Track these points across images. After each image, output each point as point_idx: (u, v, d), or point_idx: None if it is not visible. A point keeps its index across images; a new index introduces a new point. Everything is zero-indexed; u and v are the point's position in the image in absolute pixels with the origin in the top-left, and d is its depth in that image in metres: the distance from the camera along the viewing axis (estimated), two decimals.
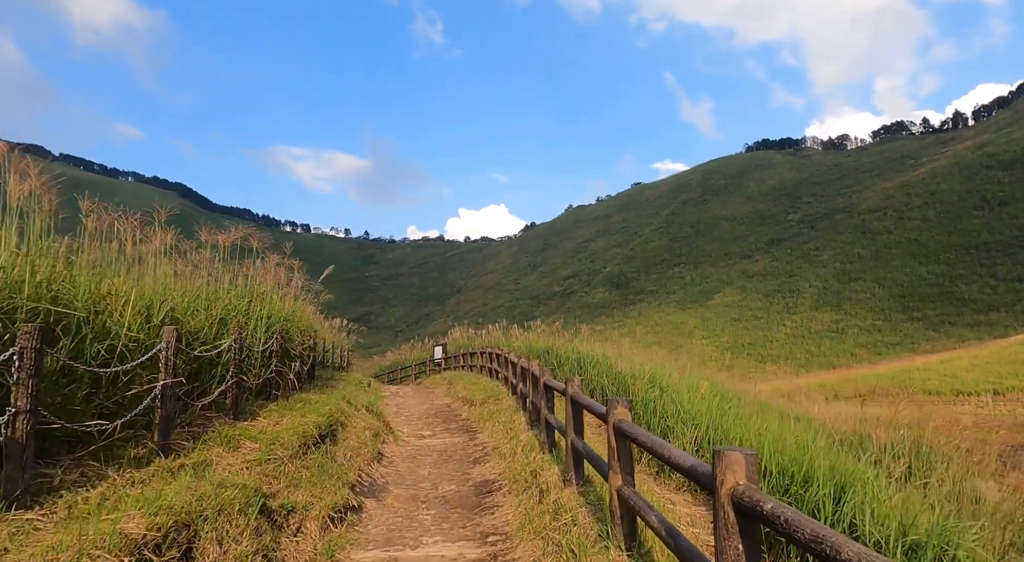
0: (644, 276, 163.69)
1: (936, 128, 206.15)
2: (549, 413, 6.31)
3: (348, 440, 7.10)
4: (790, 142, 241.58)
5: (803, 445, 5.06)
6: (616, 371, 9.18)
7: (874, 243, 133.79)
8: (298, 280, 11.24)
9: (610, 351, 11.05)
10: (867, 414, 11.82)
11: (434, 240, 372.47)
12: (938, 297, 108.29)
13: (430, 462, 7.94)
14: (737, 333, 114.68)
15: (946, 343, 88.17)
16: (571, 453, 4.90)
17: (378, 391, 15.40)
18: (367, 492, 6.18)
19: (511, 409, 9.93)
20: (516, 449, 7.17)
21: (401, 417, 11.68)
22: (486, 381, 14.48)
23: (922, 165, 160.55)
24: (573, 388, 4.94)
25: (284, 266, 9.21)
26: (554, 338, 14.77)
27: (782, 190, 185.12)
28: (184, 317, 5.29)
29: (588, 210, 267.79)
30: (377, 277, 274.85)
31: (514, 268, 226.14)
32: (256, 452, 4.98)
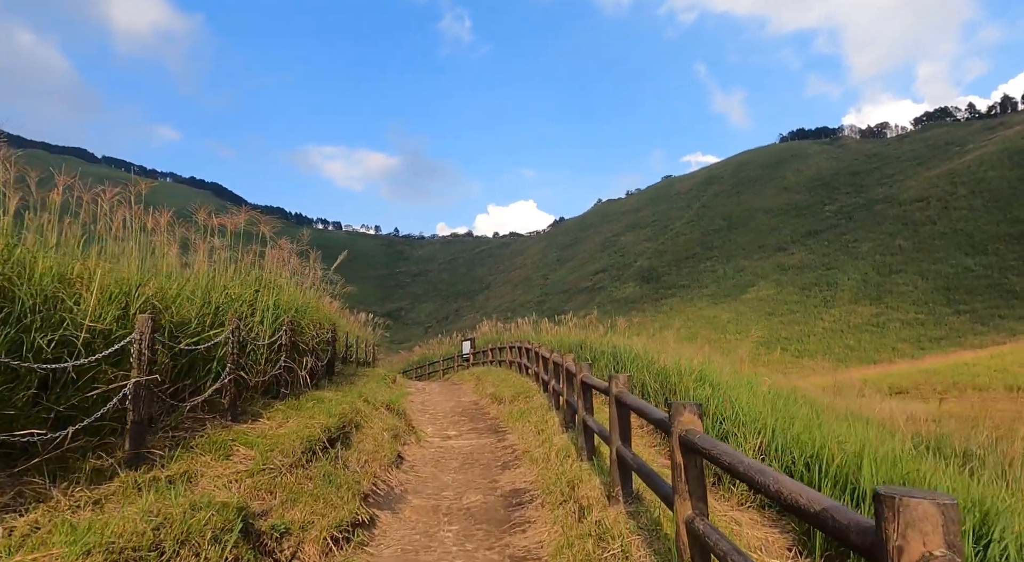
0: (675, 270, 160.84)
1: (983, 113, 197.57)
2: (588, 415, 5.51)
3: (363, 443, 6.42)
4: (826, 131, 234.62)
5: (895, 458, 4.15)
6: (659, 366, 8.31)
7: (916, 234, 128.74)
8: (315, 270, 10.65)
9: (650, 346, 10.17)
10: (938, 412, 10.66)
11: (463, 236, 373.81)
12: (986, 289, 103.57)
13: (454, 467, 7.22)
14: (772, 327, 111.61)
15: (995, 337, 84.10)
16: (617, 464, 4.10)
17: (403, 387, 14.79)
18: (382, 503, 5.47)
19: (542, 408, 9.16)
20: (549, 454, 6.39)
21: (425, 415, 11.00)
22: (515, 377, 13.72)
23: (968, 152, 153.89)
24: (618, 387, 4.14)
25: (295, 253, 8.58)
26: (587, 332, 13.93)
27: (818, 181, 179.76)
28: (172, 306, 4.65)
29: (617, 204, 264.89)
30: (407, 273, 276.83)
31: (543, 263, 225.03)
32: (250, 461, 4.31)
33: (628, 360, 9.93)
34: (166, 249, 5.58)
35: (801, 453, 4.74)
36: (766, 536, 4.21)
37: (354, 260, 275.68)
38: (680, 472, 2.66)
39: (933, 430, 8.29)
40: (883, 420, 8.20)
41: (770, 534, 4.27)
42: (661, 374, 7.98)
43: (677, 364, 7.69)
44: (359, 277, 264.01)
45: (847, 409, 8.39)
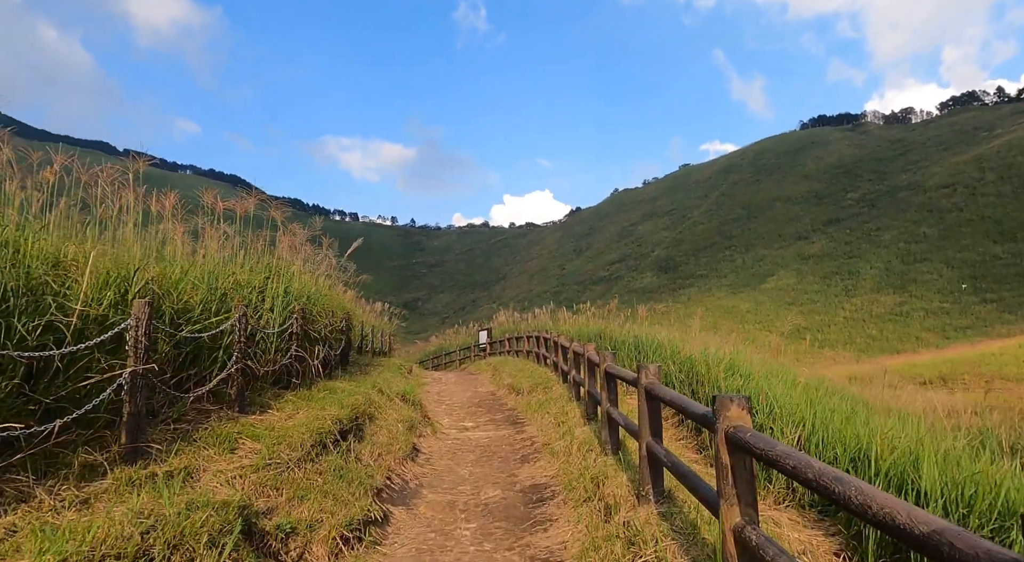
0: (693, 260, 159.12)
1: (1012, 97, 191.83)
2: (613, 407, 5.20)
3: (377, 435, 6.18)
4: (848, 117, 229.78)
5: (956, 458, 3.78)
6: (684, 356, 7.95)
7: (942, 222, 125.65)
8: (329, 258, 10.43)
9: (673, 335, 9.80)
10: (982, 404, 10.17)
11: (479, 227, 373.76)
12: (1015, 278, 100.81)
13: (471, 460, 6.97)
14: (792, 317, 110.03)
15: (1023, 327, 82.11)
16: (647, 461, 3.79)
17: (419, 378, 14.60)
18: (396, 498, 5.23)
19: (562, 398, 8.86)
20: (571, 447, 6.10)
21: (442, 406, 10.78)
22: (533, 367, 13.44)
23: (997, 137, 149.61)
24: (648, 378, 3.82)
25: (307, 241, 8.34)
26: (607, 321, 13.58)
27: (840, 168, 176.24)
28: (174, 291, 4.42)
29: (634, 193, 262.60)
30: (423, 264, 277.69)
31: (559, 253, 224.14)
32: (256, 455, 4.07)
33: (651, 350, 9.58)
34: (171, 233, 5.36)
35: (844, 450, 4.39)
36: (810, 539, 3.88)
37: (371, 251, 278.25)
38: (727, 474, 2.34)
39: (975, 423, 7.84)
40: (920, 413, 7.78)
41: (814, 537, 3.93)
42: (687, 364, 7.62)
43: (704, 354, 7.33)
44: (376, 268, 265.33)
45: (882, 402, 7.97)
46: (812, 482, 1.71)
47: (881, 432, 4.10)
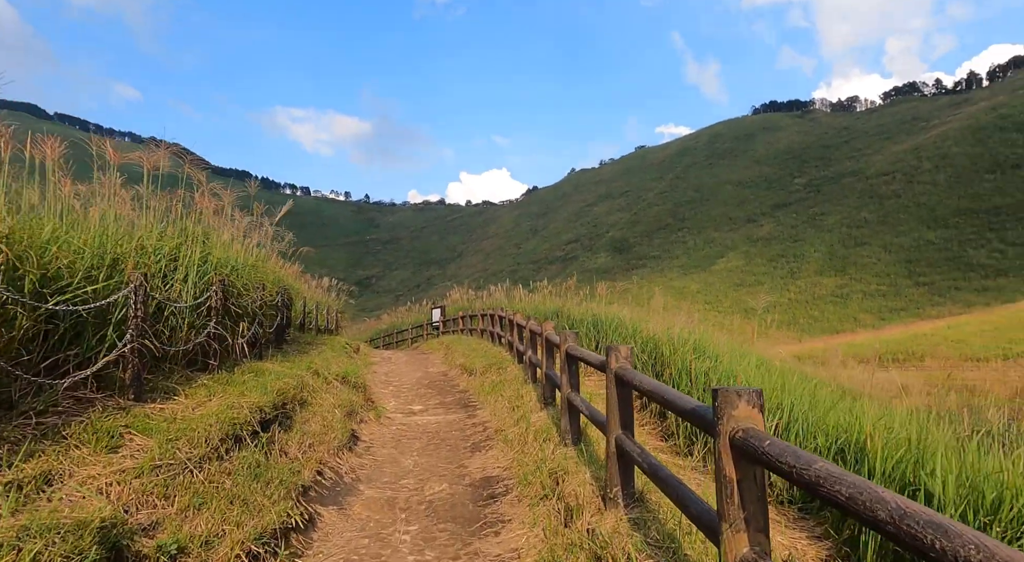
0: (647, 241, 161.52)
1: (949, 89, 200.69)
2: (574, 393, 4.65)
3: (309, 423, 5.47)
4: (798, 104, 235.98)
5: (961, 451, 3.38)
6: (646, 336, 7.50)
7: (882, 208, 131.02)
8: (266, 227, 9.49)
9: (635, 314, 9.35)
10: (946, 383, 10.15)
11: (435, 204, 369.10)
12: (945, 262, 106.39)
13: (417, 448, 6.35)
14: (739, 298, 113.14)
15: (952, 308, 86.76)
16: (616, 458, 3.25)
17: (367, 357, 13.83)
18: (327, 497, 4.56)
19: (517, 380, 8.32)
20: (526, 435, 5.54)
21: (389, 388, 10.09)
22: (487, 346, 12.87)
23: (933, 128, 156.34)
24: (619, 361, 3.26)
25: (235, 206, 7.43)
26: (564, 299, 13.09)
27: (789, 153, 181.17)
28: (41, 254, 3.56)
29: (590, 174, 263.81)
30: (378, 241, 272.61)
31: (515, 232, 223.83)
32: (145, 453, 3.33)
33: (611, 329, 9.12)
34: (56, 187, 4.44)
35: (828, 440, 3.97)
36: (794, 543, 3.43)
37: (324, 227, 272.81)
38: (732, 491, 1.80)
39: (933, 405, 7.71)
40: (885, 396, 7.59)
41: (798, 540, 3.49)
42: (649, 344, 7.17)
43: (669, 334, 6.88)
44: (329, 244, 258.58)
45: (847, 383, 7.74)
46: (886, 525, 1.17)
47: (873, 421, 3.68)
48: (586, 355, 4.01)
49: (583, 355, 4.10)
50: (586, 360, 3.96)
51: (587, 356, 3.96)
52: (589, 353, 3.98)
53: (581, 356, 4.18)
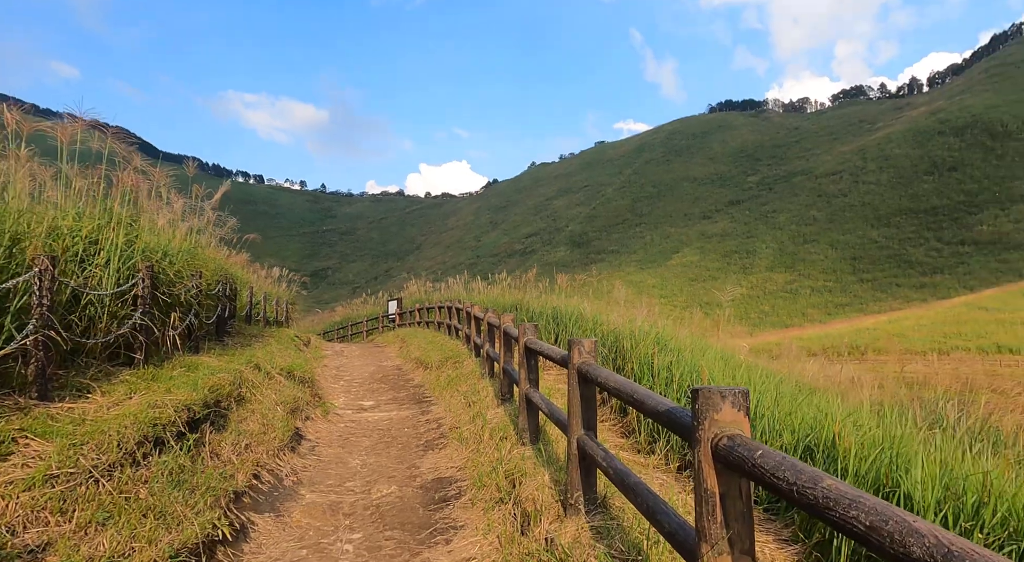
0: (605, 235, 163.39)
1: (893, 93, 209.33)
2: (532, 389, 4.38)
3: (246, 422, 5.04)
4: (752, 104, 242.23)
5: (938, 450, 3.27)
6: (607, 329, 7.31)
7: (829, 206, 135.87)
8: (208, 212, 8.88)
9: (596, 307, 9.17)
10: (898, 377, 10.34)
11: (394, 195, 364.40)
12: (887, 259, 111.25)
13: (366, 446, 5.99)
14: (694, 293, 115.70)
15: (893, 304, 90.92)
16: (578, 461, 2.99)
17: (318, 350, 13.29)
18: (263, 503, 4.17)
19: (474, 374, 8.02)
20: (482, 433, 5.26)
21: (339, 383, 9.65)
22: (444, 339, 12.52)
23: (878, 130, 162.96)
24: (582, 356, 3.01)
25: (171, 187, 6.85)
26: (523, 292, 12.84)
27: (743, 152, 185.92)
28: None
29: (550, 168, 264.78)
30: (334, 232, 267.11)
31: (475, 225, 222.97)
32: (41, 461, 2.90)
33: (571, 322, 8.92)
34: None
35: (795, 437, 3.82)
36: (761, 548, 3.25)
37: (278, 216, 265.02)
38: (714, 506, 1.56)
39: (886, 398, 7.80)
40: (839, 389, 7.63)
41: (766, 544, 3.31)
42: (611, 337, 6.98)
43: (630, 327, 6.70)
44: (283, 234, 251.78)
45: (807, 379, 7.74)
46: (882, 543, 0.93)
47: (840, 417, 3.54)
48: (546, 349, 3.74)
49: (543, 349, 3.84)
50: (546, 355, 3.69)
51: (547, 350, 3.70)
52: (549, 347, 3.72)
53: (540, 350, 3.91)
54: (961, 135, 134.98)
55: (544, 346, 3.88)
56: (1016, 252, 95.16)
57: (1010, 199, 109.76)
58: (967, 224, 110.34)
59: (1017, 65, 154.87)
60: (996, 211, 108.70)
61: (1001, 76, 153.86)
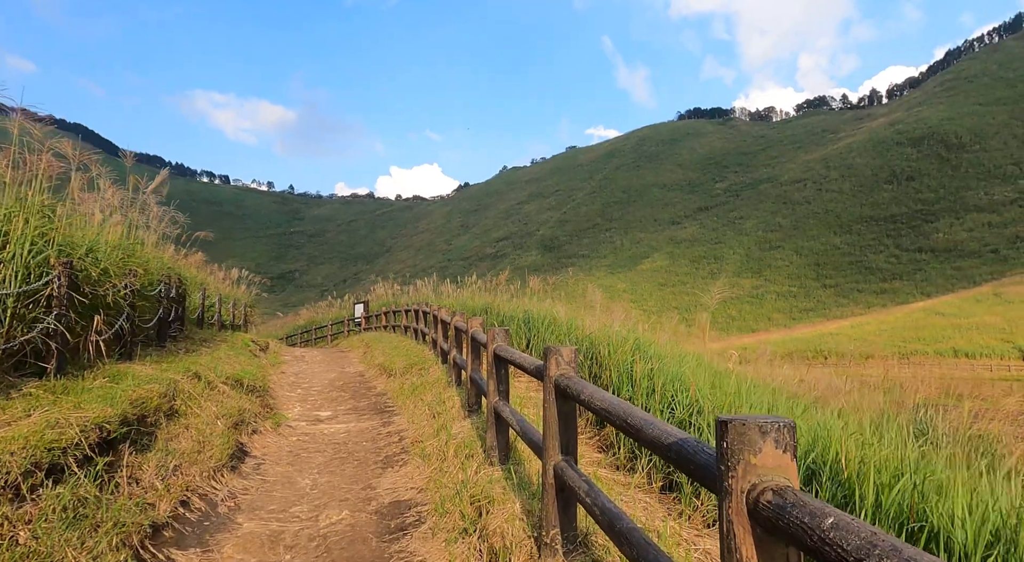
0: (576, 240, 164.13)
1: (854, 105, 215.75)
2: (502, 402, 3.91)
3: (178, 440, 4.44)
4: (720, 112, 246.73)
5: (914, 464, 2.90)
6: (582, 334, 6.88)
7: (794, 213, 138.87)
8: (152, 207, 8.18)
9: (570, 311, 8.74)
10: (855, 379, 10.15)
11: (363, 197, 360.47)
12: (849, 266, 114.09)
13: (319, 463, 5.42)
14: (664, 297, 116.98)
15: (854, 309, 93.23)
16: (555, 492, 2.53)
17: (276, 356, 12.58)
18: (188, 537, 3.59)
19: (440, 382, 7.50)
20: (446, 450, 4.76)
21: (296, 391, 9.02)
22: (410, 344, 11.95)
23: (840, 139, 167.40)
24: (561, 367, 2.55)
25: (104, 178, 6.18)
26: (494, 295, 12.36)
27: (711, 159, 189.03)
28: None
29: (522, 172, 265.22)
30: (303, 234, 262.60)
31: (446, 229, 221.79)
32: None
33: (543, 327, 8.46)
34: None
35: (801, 456, 3.42)
36: None
37: (244, 217, 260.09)
38: None
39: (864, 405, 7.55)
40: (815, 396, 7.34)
41: None
42: (586, 343, 6.55)
43: (607, 332, 6.28)
44: (250, 235, 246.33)
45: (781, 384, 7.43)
46: None
47: (841, 435, 3.15)
48: (518, 358, 3.27)
49: (514, 358, 3.36)
50: (518, 364, 3.22)
51: (519, 359, 3.23)
52: (522, 356, 3.24)
53: (512, 359, 3.44)
54: (918, 146, 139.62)
55: (516, 354, 3.41)
56: (969, 260, 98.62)
57: (964, 209, 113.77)
58: (924, 232, 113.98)
59: (970, 80, 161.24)
60: (951, 220, 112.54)
61: (955, 90, 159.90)
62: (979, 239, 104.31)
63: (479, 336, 5.00)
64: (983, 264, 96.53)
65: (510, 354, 3.47)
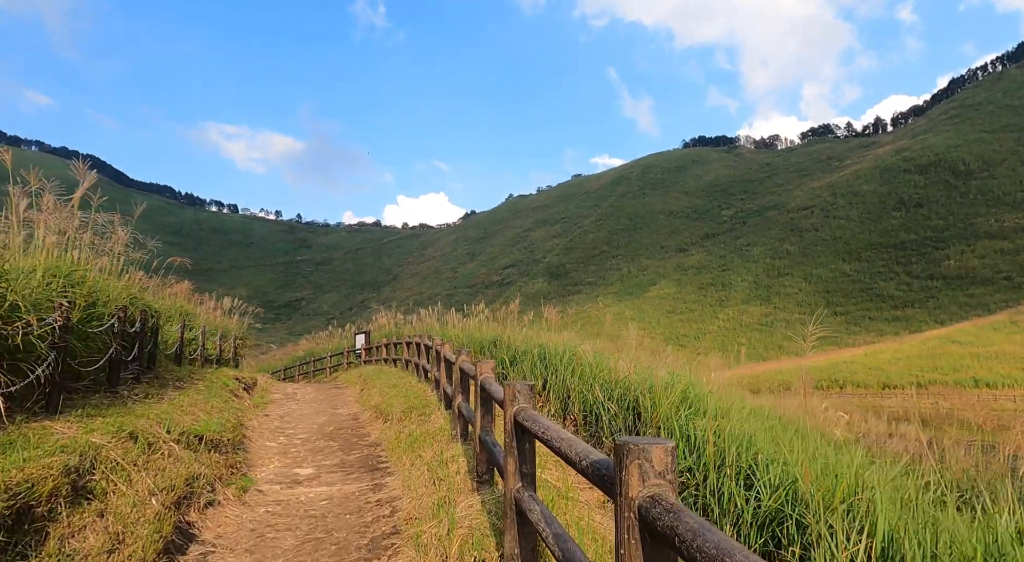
0: (583, 267, 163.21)
1: (859, 132, 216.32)
2: (526, 490, 2.73)
3: (83, 535, 3.27)
4: (725, 140, 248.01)
5: None
6: (613, 377, 5.71)
7: (802, 240, 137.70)
8: (116, 231, 7.16)
9: (596, 347, 7.54)
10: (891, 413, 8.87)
11: (370, 225, 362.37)
12: (859, 293, 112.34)
13: (288, 548, 4.22)
14: (672, 325, 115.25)
15: (866, 337, 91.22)
16: None
17: (265, 394, 11.40)
18: None
19: (443, 434, 6.31)
20: (448, 545, 3.55)
21: (279, 439, 7.82)
22: (411, 381, 10.77)
23: (846, 167, 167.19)
24: (649, 481, 1.41)
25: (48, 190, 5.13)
26: (503, 326, 11.20)
27: (717, 186, 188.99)
28: None
29: (528, 200, 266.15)
30: (310, 262, 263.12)
31: (452, 256, 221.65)
32: None
33: (562, 364, 7.27)
34: None
35: None
36: None
37: (252, 245, 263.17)
38: None
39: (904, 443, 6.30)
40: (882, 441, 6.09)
41: None
42: (619, 389, 5.36)
43: (647, 376, 5.10)
44: (257, 264, 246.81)
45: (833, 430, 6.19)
46: None
47: None
48: (560, 443, 2.07)
49: (551, 439, 2.17)
50: (562, 454, 2.02)
51: (562, 447, 2.03)
52: (567, 438, 2.05)
53: (547, 439, 2.25)
54: (925, 173, 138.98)
55: (554, 432, 2.24)
56: (982, 287, 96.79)
57: (974, 235, 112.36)
58: (935, 259, 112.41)
59: (975, 108, 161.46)
60: (962, 247, 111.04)
61: (960, 118, 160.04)
62: (991, 266, 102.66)
63: (492, 388, 3.84)
64: (997, 291, 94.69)
65: (543, 429, 2.31)
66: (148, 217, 7.06)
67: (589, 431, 5.80)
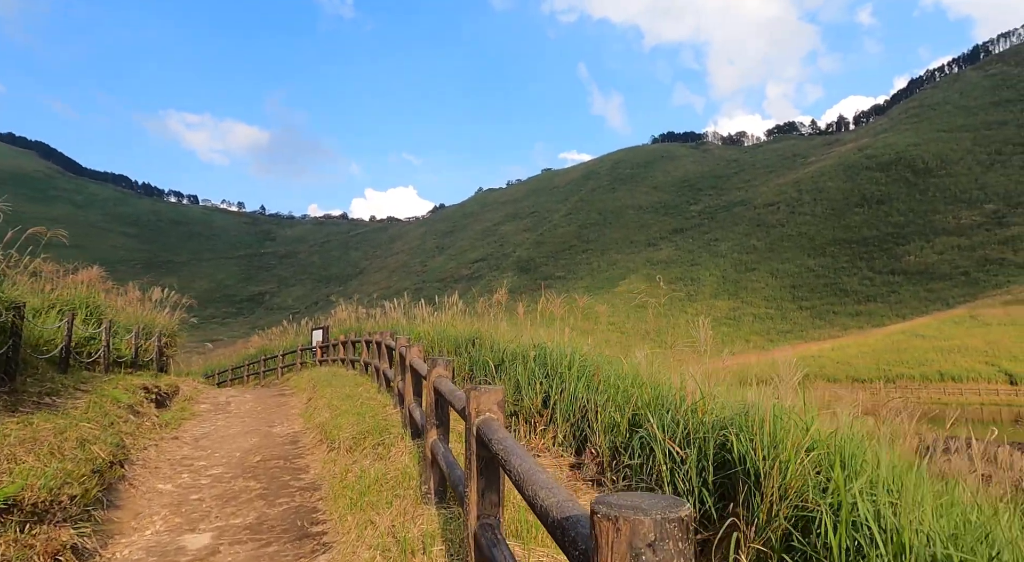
0: (552, 261, 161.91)
1: (823, 130, 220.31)
2: None
3: None
4: (693, 136, 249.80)
5: None
6: (652, 393, 3.80)
7: (768, 235, 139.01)
8: None
9: (603, 350, 5.63)
10: None
11: (337, 218, 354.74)
12: (824, 288, 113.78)
13: None
14: (642, 319, 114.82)
15: (831, 331, 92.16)
16: None
17: (187, 405, 9.17)
18: None
19: (409, 480, 4.30)
20: None
21: (181, 478, 5.69)
22: (370, 391, 8.71)
23: (811, 164, 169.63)
24: None
25: None
26: (482, 321, 9.23)
27: (685, 182, 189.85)
28: None
29: (498, 194, 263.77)
30: (273, 255, 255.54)
31: (421, 250, 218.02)
32: None
33: (568, 371, 5.32)
34: None
35: None
36: None
37: (213, 237, 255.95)
38: None
39: None
40: None
41: None
42: (686, 427, 3.45)
43: (736, 411, 3.19)
44: (219, 256, 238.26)
45: None
46: None
47: None
48: None
49: None
50: None
51: None
52: None
53: None
54: (887, 170, 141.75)
55: None
56: (941, 282, 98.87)
57: (933, 232, 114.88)
58: (896, 254, 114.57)
59: (933, 108, 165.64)
60: (922, 243, 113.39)
61: (919, 117, 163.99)
62: (950, 262, 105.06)
63: (492, 437, 1.89)
64: (955, 286, 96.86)
65: None
66: (103, 207, 4.92)
67: (619, 474, 3.88)
